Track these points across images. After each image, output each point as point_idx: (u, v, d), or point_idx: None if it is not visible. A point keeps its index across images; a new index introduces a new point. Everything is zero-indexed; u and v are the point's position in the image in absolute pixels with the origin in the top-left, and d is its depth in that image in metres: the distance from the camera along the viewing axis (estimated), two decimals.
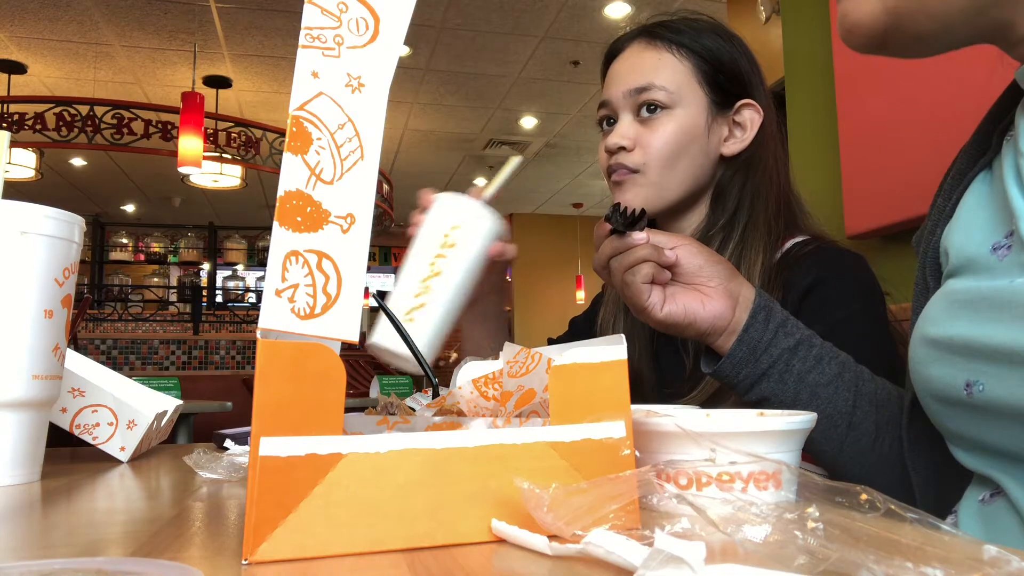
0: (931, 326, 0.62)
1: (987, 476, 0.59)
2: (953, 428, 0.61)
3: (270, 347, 0.37)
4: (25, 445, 0.63)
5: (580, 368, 0.43)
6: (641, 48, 0.99)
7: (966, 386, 0.57)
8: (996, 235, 0.59)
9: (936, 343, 0.61)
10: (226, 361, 7.01)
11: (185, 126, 4.83)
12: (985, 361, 0.56)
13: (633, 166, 0.96)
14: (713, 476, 0.44)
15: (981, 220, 0.62)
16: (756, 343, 0.74)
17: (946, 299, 0.62)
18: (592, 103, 6.32)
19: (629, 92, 0.97)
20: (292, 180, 0.39)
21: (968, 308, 0.58)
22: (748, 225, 0.95)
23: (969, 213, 0.64)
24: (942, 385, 0.60)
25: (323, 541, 0.37)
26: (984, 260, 0.59)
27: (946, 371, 0.59)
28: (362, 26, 0.41)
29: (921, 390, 0.64)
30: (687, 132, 0.95)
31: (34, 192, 7.31)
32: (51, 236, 0.63)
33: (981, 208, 0.63)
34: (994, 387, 0.55)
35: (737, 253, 0.94)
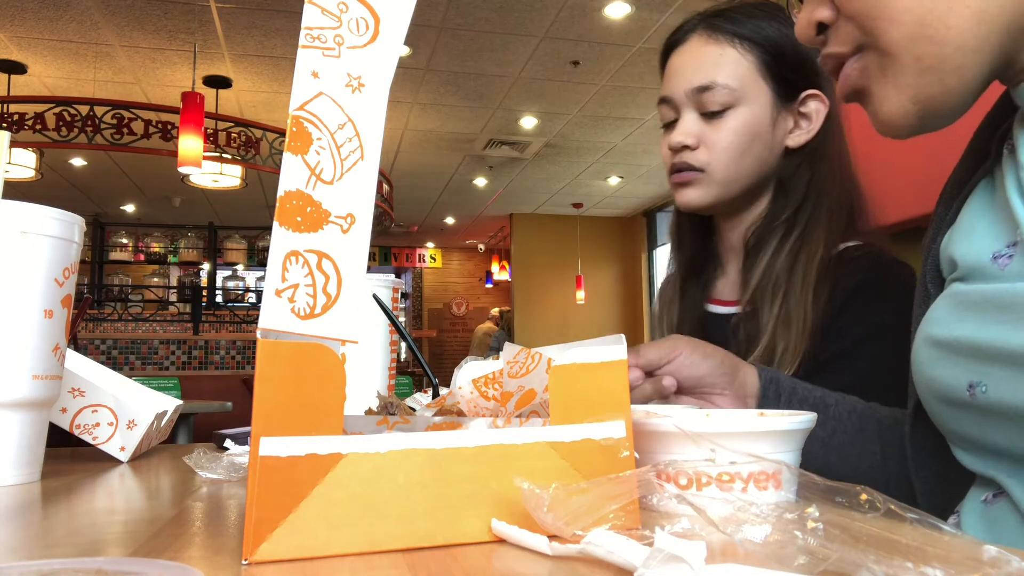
0: (935, 327, 0.62)
1: (990, 477, 0.59)
2: (956, 429, 0.61)
3: (270, 347, 0.37)
4: (25, 445, 0.63)
5: (580, 368, 0.43)
6: (702, 42, 0.96)
7: (969, 387, 0.57)
8: (997, 244, 0.59)
9: (940, 344, 0.60)
10: (226, 361, 7.01)
11: (185, 126, 4.83)
12: (989, 362, 0.56)
13: (698, 165, 0.95)
14: (713, 476, 0.44)
15: (983, 228, 0.62)
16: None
17: (951, 300, 0.62)
18: (592, 103, 6.33)
19: (692, 91, 0.95)
20: (292, 180, 0.39)
21: (972, 309, 0.58)
22: (811, 218, 0.94)
23: (971, 221, 0.64)
24: (945, 386, 0.60)
25: (323, 541, 0.36)
26: (986, 268, 0.59)
27: (949, 372, 0.59)
28: (362, 26, 0.41)
29: (924, 392, 0.63)
30: (752, 129, 0.94)
31: (34, 192, 7.31)
32: (51, 236, 0.63)
33: (982, 217, 0.63)
34: (997, 388, 0.55)
35: (797, 246, 0.93)
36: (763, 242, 0.96)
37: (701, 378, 0.74)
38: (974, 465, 0.60)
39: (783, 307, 0.91)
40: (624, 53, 5.38)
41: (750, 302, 0.95)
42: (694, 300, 1.07)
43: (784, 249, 0.94)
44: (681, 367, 0.73)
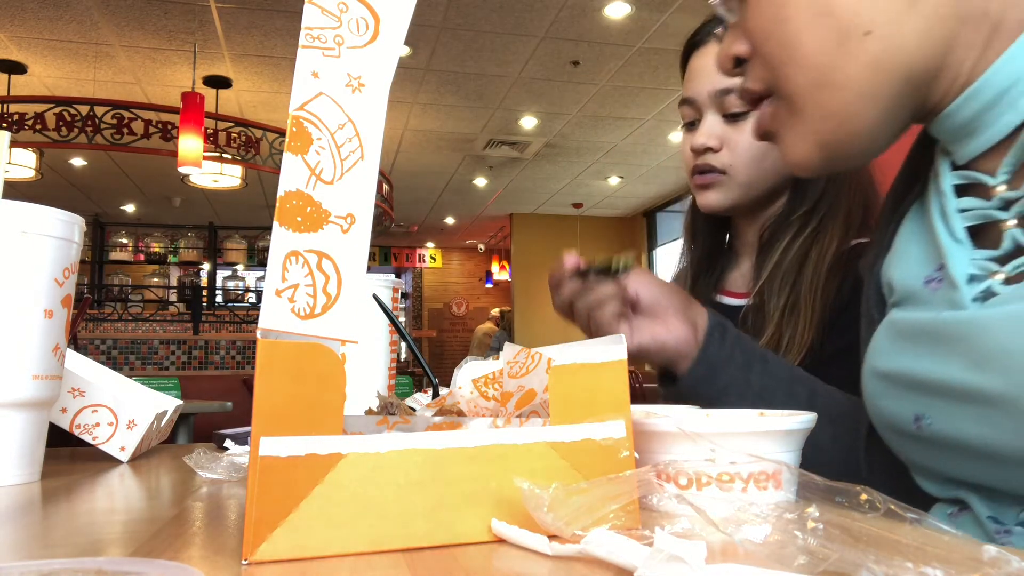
0: (878, 359, 0.63)
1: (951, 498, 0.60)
2: (910, 458, 0.62)
3: (270, 347, 0.37)
4: (25, 445, 0.63)
5: (580, 368, 0.43)
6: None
7: (915, 419, 0.58)
8: (928, 268, 0.60)
9: (884, 376, 0.62)
10: (226, 361, 7.01)
11: (185, 126, 4.83)
12: (929, 395, 0.57)
13: (721, 167, 0.96)
14: (713, 476, 0.44)
15: (915, 253, 0.63)
16: (714, 360, 0.76)
17: (890, 330, 0.63)
18: (592, 103, 6.33)
19: (715, 93, 0.95)
20: (292, 180, 0.39)
21: (909, 341, 0.60)
22: (827, 216, 0.95)
23: (905, 246, 0.66)
24: (893, 418, 0.61)
25: (323, 541, 0.37)
26: (920, 293, 0.61)
27: (896, 404, 0.60)
28: (362, 26, 0.41)
29: (875, 421, 0.64)
30: None
31: (34, 192, 7.31)
32: (51, 236, 0.63)
33: (915, 241, 0.64)
34: (940, 421, 0.56)
35: (810, 241, 0.94)
36: (776, 237, 0.97)
37: (657, 299, 0.77)
38: (933, 491, 0.61)
39: (790, 297, 0.92)
40: (624, 53, 5.38)
41: (759, 293, 0.97)
42: (704, 293, 1.08)
43: (796, 243, 0.95)
44: (640, 285, 0.77)
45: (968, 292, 0.55)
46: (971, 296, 0.55)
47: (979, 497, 0.56)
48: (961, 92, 0.56)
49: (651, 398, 5.99)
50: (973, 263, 0.56)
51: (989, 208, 0.56)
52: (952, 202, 0.59)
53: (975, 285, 0.56)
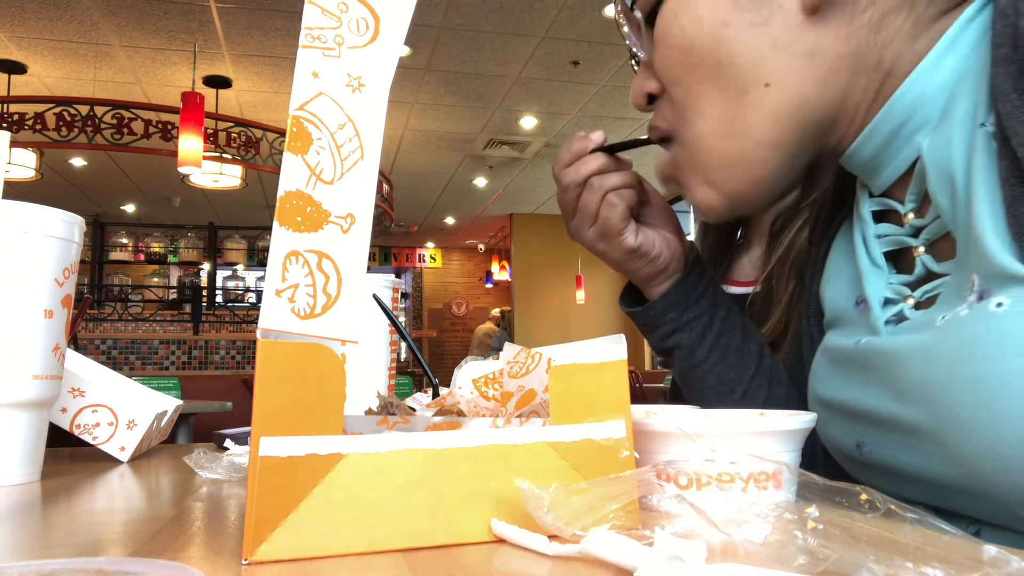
0: (819, 386, 0.65)
1: None
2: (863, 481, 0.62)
3: (270, 347, 0.37)
4: (25, 445, 0.63)
5: (580, 368, 0.43)
6: None
7: (857, 446, 0.59)
8: (858, 290, 0.62)
9: (826, 403, 0.63)
10: (226, 361, 7.01)
11: (185, 126, 4.83)
12: (865, 424, 0.58)
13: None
14: (713, 476, 0.44)
15: (845, 274, 0.65)
16: (691, 290, 0.77)
17: (826, 357, 0.65)
18: (592, 103, 6.33)
19: None
20: (292, 180, 0.39)
21: (842, 368, 0.61)
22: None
23: (836, 265, 0.67)
24: (838, 444, 0.62)
25: (323, 541, 0.37)
26: (848, 315, 0.62)
27: (839, 431, 0.62)
28: (362, 26, 0.41)
29: (825, 444, 0.66)
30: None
31: (34, 192, 7.31)
32: (51, 236, 0.63)
33: (845, 262, 0.66)
34: (878, 449, 0.57)
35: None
36: (787, 225, 0.99)
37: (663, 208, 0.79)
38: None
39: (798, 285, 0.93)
40: (624, 53, 5.38)
41: (767, 280, 0.98)
42: None
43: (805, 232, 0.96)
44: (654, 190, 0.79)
45: (882, 316, 0.57)
46: (883, 319, 0.57)
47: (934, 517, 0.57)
48: (859, 134, 0.58)
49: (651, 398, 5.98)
50: (889, 287, 0.59)
51: (902, 235, 0.59)
52: (871, 228, 0.61)
53: (888, 309, 0.58)
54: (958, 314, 0.49)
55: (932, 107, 0.54)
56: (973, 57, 0.52)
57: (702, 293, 0.78)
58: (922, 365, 0.51)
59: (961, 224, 0.50)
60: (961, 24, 0.53)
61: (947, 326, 0.49)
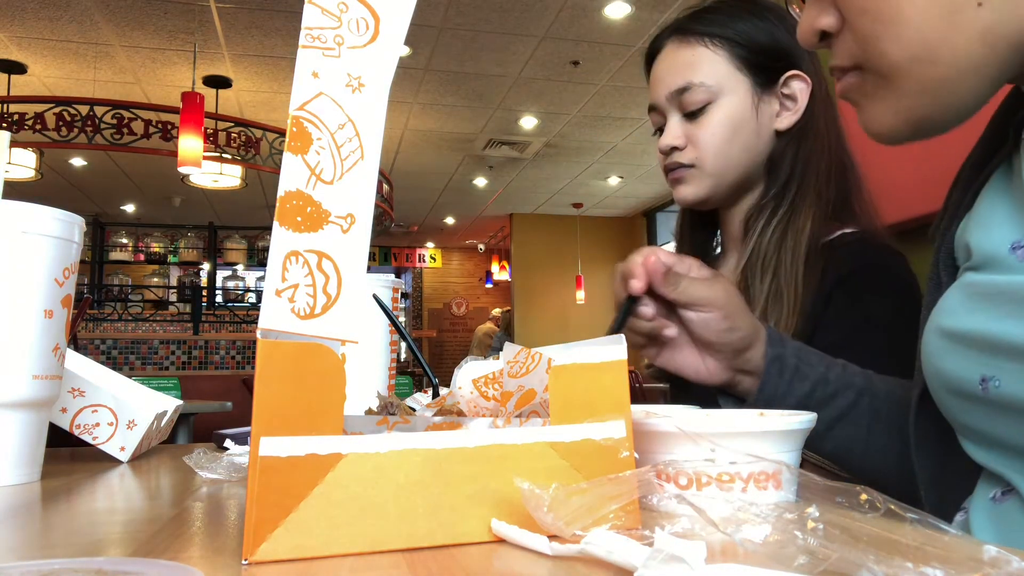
0: (947, 317, 0.61)
1: (998, 473, 0.59)
2: (966, 422, 0.60)
3: (270, 347, 0.37)
4: (25, 445, 0.63)
5: (580, 368, 0.43)
6: (675, 47, 1.00)
7: (982, 381, 0.56)
8: (1016, 234, 0.58)
9: (952, 335, 0.60)
10: (226, 361, 7.01)
11: (185, 126, 4.83)
12: (1002, 357, 0.55)
13: (688, 162, 0.99)
14: (713, 476, 0.44)
15: (1000, 217, 0.61)
16: (771, 397, 0.74)
17: (964, 291, 0.61)
18: (592, 103, 6.33)
19: (671, 94, 0.99)
20: (292, 180, 0.39)
21: (987, 301, 0.57)
22: (798, 193, 0.96)
23: (988, 209, 0.63)
24: (956, 378, 0.59)
25: (323, 541, 0.36)
26: (1004, 259, 0.58)
27: (961, 364, 0.58)
28: (362, 26, 0.41)
29: (934, 383, 0.62)
30: (734, 119, 0.97)
31: (34, 192, 7.31)
32: (51, 236, 0.63)
33: (1000, 205, 0.62)
34: (1011, 384, 0.54)
35: (785, 220, 0.95)
36: (754, 221, 0.99)
37: (711, 344, 0.74)
38: (983, 459, 0.59)
39: (773, 282, 0.93)
40: (624, 53, 5.38)
41: (742, 279, 0.97)
42: None
43: (772, 225, 0.96)
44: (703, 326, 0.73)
45: None
46: None
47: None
48: None
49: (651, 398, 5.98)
50: None
51: None
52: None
53: None
54: None
55: None
56: None
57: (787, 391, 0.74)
58: None
59: None
60: None
61: None
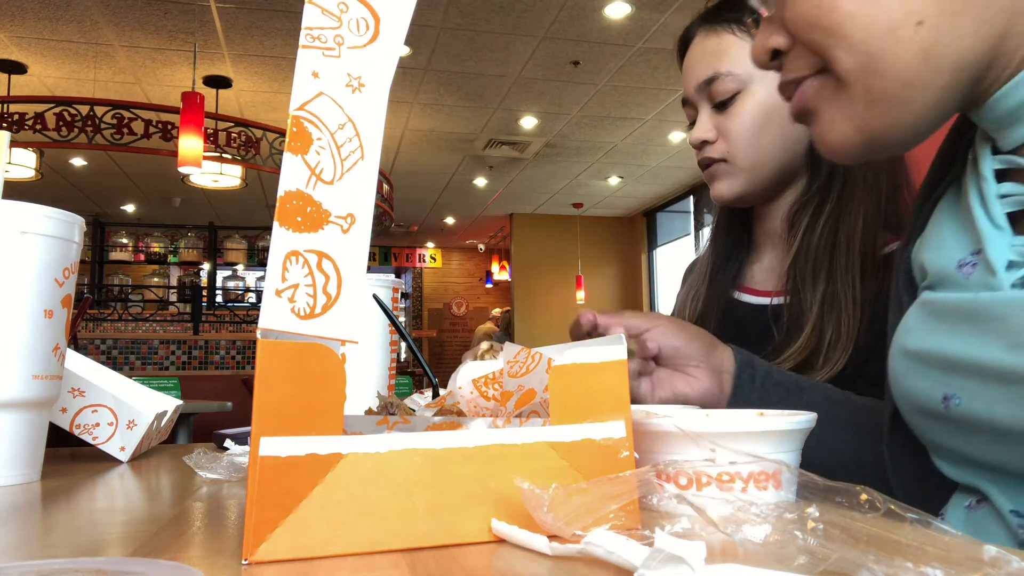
0: (908, 338, 0.62)
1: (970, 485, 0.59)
2: (933, 440, 0.61)
3: (270, 347, 0.37)
4: (25, 445, 0.63)
5: (580, 368, 0.43)
6: (703, 37, 0.98)
7: (943, 399, 0.57)
8: (962, 252, 0.60)
9: (914, 355, 0.61)
10: (226, 361, 7.01)
11: (185, 126, 4.83)
12: (961, 374, 0.56)
13: (719, 156, 0.96)
14: (713, 476, 0.44)
15: (949, 236, 0.63)
16: (746, 405, 0.75)
17: (922, 310, 0.62)
18: (592, 103, 6.33)
19: (700, 85, 0.96)
20: (292, 180, 0.39)
21: (943, 320, 0.59)
22: (845, 186, 0.92)
23: (938, 229, 0.65)
24: (921, 398, 0.60)
25: (323, 541, 0.36)
26: (952, 276, 0.60)
27: (924, 383, 0.60)
28: (362, 26, 0.41)
29: (901, 402, 0.64)
30: (766, 108, 0.93)
31: (34, 192, 7.31)
32: (51, 236, 0.63)
33: (949, 224, 0.63)
34: (970, 401, 0.55)
35: (835, 218, 0.91)
36: (798, 218, 0.94)
37: (678, 348, 0.77)
38: (954, 475, 0.61)
39: (828, 288, 0.88)
40: (624, 53, 5.38)
41: (792, 288, 0.93)
42: (722, 289, 1.05)
43: (819, 223, 0.92)
44: (659, 335, 0.77)
45: (1007, 278, 0.55)
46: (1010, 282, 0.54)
47: (1000, 489, 0.56)
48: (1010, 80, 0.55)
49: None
50: (1013, 249, 0.56)
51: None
52: (992, 187, 0.58)
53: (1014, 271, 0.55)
54: None
55: None
56: None
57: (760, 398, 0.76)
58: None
59: None
60: None
61: None
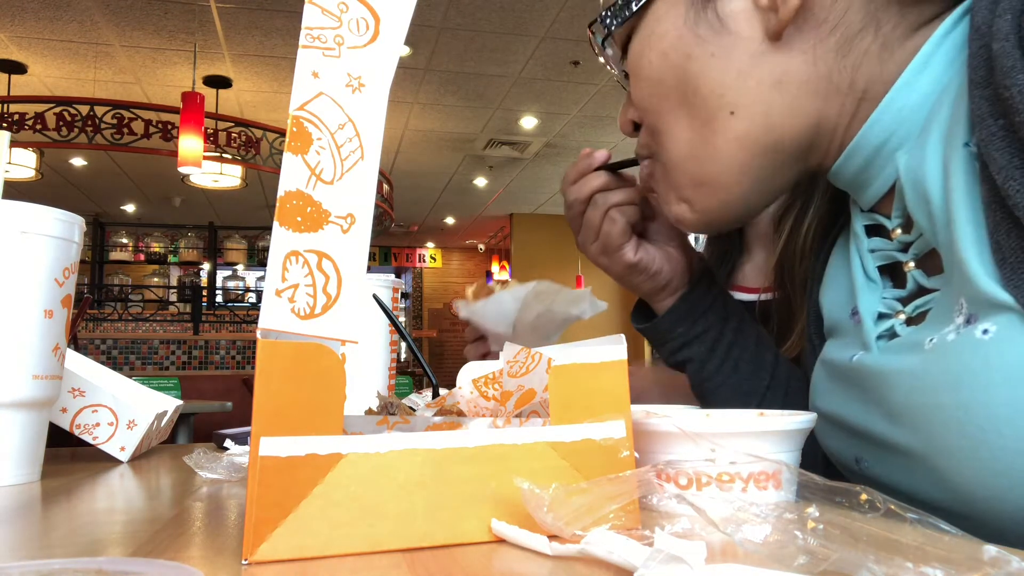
0: (818, 399, 0.65)
1: None
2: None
3: (270, 347, 0.37)
4: (25, 445, 0.63)
5: (580, 368, 0.43)
6: None
7: (856, 460, 0.60)
8: (853, 301, 0.62)
9: (825, 416, 0.63)
10: (226, 361, 7.01)
11: (185, 126, 4.83)
12: (861, 440, 0.58)
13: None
14: (713, 476, 0.44)
15: (842, 284, 0.65)
16: (696, 303, 0.77)
17: (824, 370, 0.65)
18: (592, 103, 6.33)
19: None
20: (292, 180, 0.39)
21: (839, 383, 0.61)
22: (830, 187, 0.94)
23: (834, 274, 0.68)
24: (839, 456, 0.63)
25: (323, 541, 0.36)
26: (845, 325, 0.63)
27: (838, 444, 0.62)
28: (362, 26, 0.41)
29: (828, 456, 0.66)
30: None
31: (34, 192, 7.31)
32: (51, 236, 0.63)
33: (842, 271, 0.66)
34: (874, 466, 0.57)
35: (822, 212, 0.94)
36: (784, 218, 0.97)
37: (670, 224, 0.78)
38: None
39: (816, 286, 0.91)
40: None
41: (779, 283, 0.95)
42: None
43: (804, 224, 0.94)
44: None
45: (874, 331, 0.58)
46: (875, 335, 0.57)
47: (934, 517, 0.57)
48: (840, 153, 0.59)
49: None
50: (883, 302, 0.59)
51: (892, 249, 0.59)
52: (864, 242, 0.62)
53: (881, 323, 0.58)
54: (945, 338, 0.48)
55: (912, 124, 0.54)
56: (950, 73, 0.52)
57: (709, 306, 0.77)
58: (911, 389, 0.51)
59: (943, 242, 0.50)
60: (936, 41, 0.53)
61: (935, 351, 0.49)
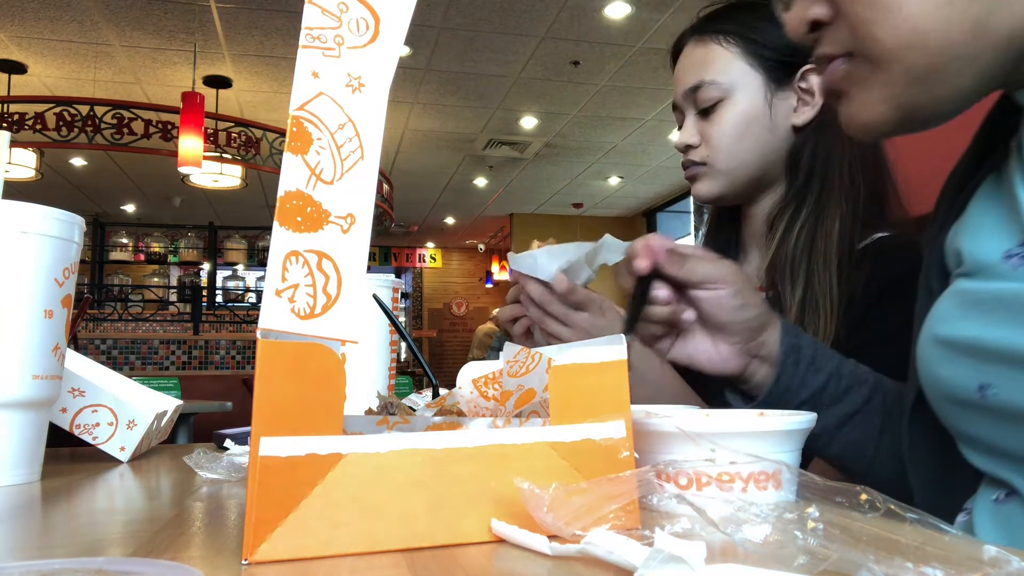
0: (942, 325, 0.61)
1: (999, 478, 0.58)
2: (965, 430, 0.60)
3: (270, 347, 0.37)
4: (25, 445, 0.63)
5: (580, 368, 0.43)
6: (692, 47, 1.02)
7: (980, 388, 0.56)
8: (1008, 242, 0.57)
9: (947, 343, 0.59)
10: (226, 361, 7.00)
11: (185, 126, 4.83)
12: (999, 364, 0.54)
13: (700, 159, 1.01)
14: (713, 476, 0.44)
15: (991, 226, 0.60)
16: (786, 389, 0.72)
17: (957, 298, 0.60)
18: (592, 103, 6.33)
19: (687, 92, 1.01)
20: (292, 180, 0.39)
21: (980, 309, 0.57)
22: (823, 190, 0.95)
23: (979, 217, 0.63)
24: (954, 386, 0.58)
25: (323, 541, 0.37)
26: (996, 267, 0.58)
27: (958, 372, 0.58)
28: (362, 26, 0.41)
29: (932, 391, 0.62)
30: (746, 116, 0.98)
31: (34, 192, 7.31)
32: (51, 236, 0.63)
33: (991, 213, 0.61)
34: (1009, 391, 0.54)
35: (812, 222, 0.94)
36: (777, 222, 0.98)
37: (725, 325, 0.71)
38: (984, 465, 0.59)
39: (807, 290, 0.91)
40: (624, 53, 5.38)
41: (767, 281, 0.96)
42: None
43: (796, 225, 0.95)
44: (715, 305, 0.71)
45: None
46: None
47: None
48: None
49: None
50: None
51: None
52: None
53: None
54: None
55: None
56: None
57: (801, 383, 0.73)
58: None
59: None
60: None
61: None
